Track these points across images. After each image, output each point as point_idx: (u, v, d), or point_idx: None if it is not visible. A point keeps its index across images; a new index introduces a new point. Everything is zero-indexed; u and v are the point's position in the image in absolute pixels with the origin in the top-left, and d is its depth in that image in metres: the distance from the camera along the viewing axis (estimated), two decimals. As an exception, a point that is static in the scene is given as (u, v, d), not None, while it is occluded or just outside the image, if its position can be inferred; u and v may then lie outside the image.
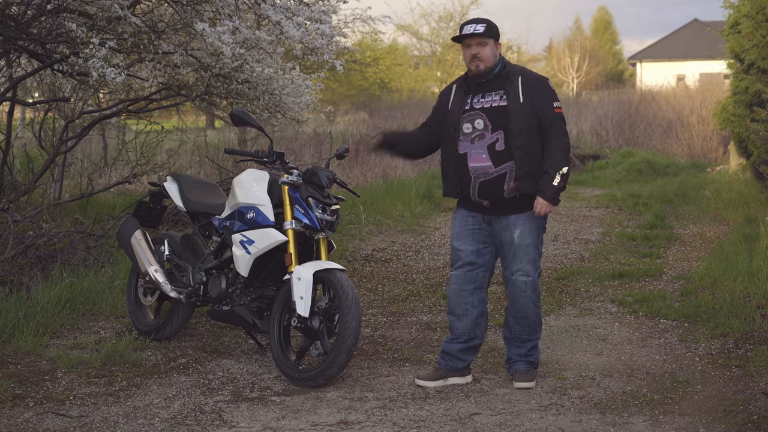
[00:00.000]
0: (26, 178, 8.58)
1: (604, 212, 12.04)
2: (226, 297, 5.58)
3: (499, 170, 4.94)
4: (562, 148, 4.96)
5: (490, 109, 4.98)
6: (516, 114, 4.91)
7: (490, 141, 4.95)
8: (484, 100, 5.01)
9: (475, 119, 4.99)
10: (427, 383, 5.10)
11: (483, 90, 5.03)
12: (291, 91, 8.68)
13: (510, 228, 5.01)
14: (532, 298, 5.06)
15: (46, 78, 9.20)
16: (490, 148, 4.95)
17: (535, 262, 5.05)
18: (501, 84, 5.01)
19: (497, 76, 5.02)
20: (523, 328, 5.12)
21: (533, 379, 5.06)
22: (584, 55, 45.26)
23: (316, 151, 15.04)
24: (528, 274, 5.03)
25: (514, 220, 5.00)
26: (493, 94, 5.00)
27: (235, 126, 6.47)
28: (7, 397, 4.85)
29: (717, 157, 18.71)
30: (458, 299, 5.13)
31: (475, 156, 4.97)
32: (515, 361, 5.14)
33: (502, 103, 4.96)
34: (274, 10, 6.51)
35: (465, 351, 5.15)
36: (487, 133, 4.96)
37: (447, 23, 39.04)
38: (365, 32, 19.28)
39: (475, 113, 5.00)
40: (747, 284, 6.87)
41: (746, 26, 11.00)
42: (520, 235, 4.99)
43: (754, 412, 4.54)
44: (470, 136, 4.99)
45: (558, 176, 4.92)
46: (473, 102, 5.03)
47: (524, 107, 4.92)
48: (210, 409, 4.74)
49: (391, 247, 9.41)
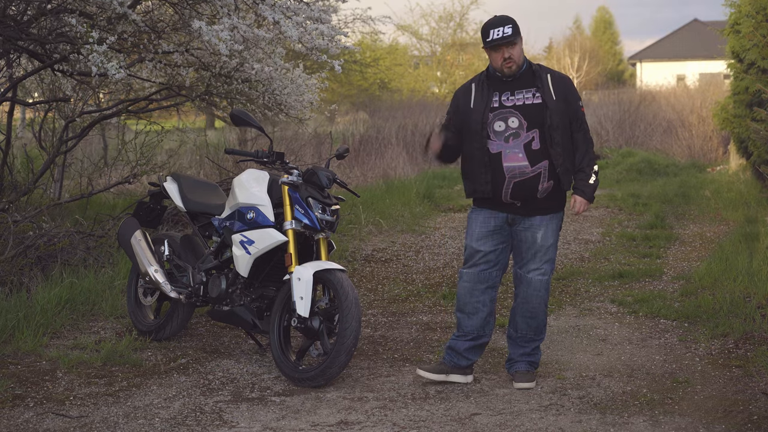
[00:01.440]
0: (26, 178, 8.59)
1: (604, 212, 12.04)
2: (226, 297, 5.58)
3: (535, 170, 4.86)
4: (591, 146, 5.00)
5: (524, 107, 4.87)
6: (553, 112, 4.86)
7: (527, 140, 4.86)
8: (515, 97, 4.90)
9: (509, 117, 4.87)
10: (428, 375, 5.10)
11: (512, 88, 4.92)
12: (292, 90, 8.68)
13: (533, 228, 4.96)
14: (544, 297, 5.06)
15: (46, 78, 9.20)
16: (527, 147, 4.85)
17: (552, 262, 5.05)
18: (531, 81, 4.92)
19: (524, 73, 4.93)
20: (530, 327, 5.10)
21: (533, 380, 5.05)
22: (584, 55, 45.23)
23: (316, 151, 15.04)
24: (545, 273, 5.02)
25: (539, 221, 4.96)
26: (524, 91, 4.90)
27: (235, 126, 6.47)
28: (7, 397, 4.85)
29: (717, 157, 18.70)
30: (470, 297, 5.07)
31: (511, 155, 4.85)
32: (516, 361, 5.13)
33: (536, 101, 4.87)
34: (271, 10, 6.50)
35: (471, 349, 5.13)
36: (523, 132, 4.86)
37: (447, 23, 39.01)
38: (365, 32, 19.31)
39: (508, 111, 4.88)
40: (747, 284, 6.87)
41: (747, 26, 10.99)
42: (543, 236, 4.97)
43: (754, 412, 4.54)
44: (504, 134, 4.87)
45: (593, 174, 4.97)
46: (503, 100, 4.91)
47: (558, 104, 4.88)
48: (210, 410, 4.74)
49: (391, 247, 9.41)
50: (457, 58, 38.06)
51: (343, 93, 30.82)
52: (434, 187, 13.12)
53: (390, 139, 17.17)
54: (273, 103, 8.72)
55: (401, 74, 33.67)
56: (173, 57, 7.47)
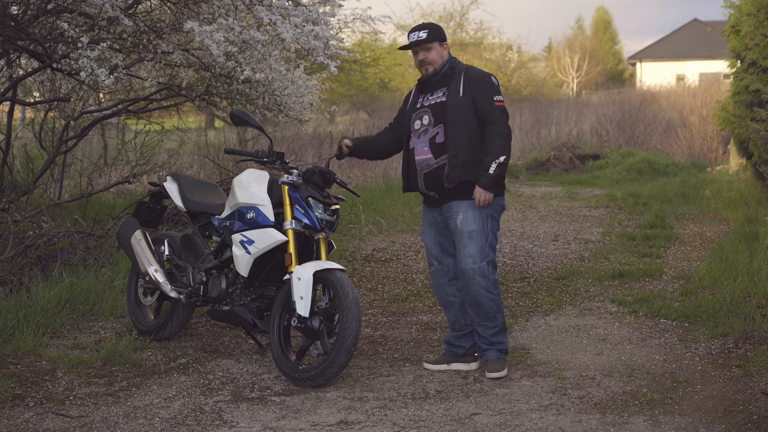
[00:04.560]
0: (26, 178, 8.58)
1: (604, 212, 12.03)
2: (226, 297, 5.58)
3: (439, 161, 5.22)
4: (499, 138, 5.17)
5: (433, 105, 5.28)
6: (453, 108, 5.19)
7: (432, 135, 5.24)
8: (431, 97, 5.32)
9: (422, 116, 5.32)
10: (431, 366, 5.38)
11: (432, 89, 5.34)
12: (292, 91, 8.68)
13: (453, 215, 5.26)
14: (483, 284, 5.18)
15: (46, 78, 9.20)
16: (431, 141, 5.24)
17: (482, 249, 5.19)
18: (445, 82, 5.30)
19: (444, 75, 5.31)
20: (479, 315, 5.28)
21: (504, 368, 5.21)
22: (584, 55, 45.24)
23: (316, 151, 15.05)
24: (475, 261, 5.17)
25: (456, 207, 5.25)
26: (438, 91, 5.30)
27: (235, 126, 6.47)
28: (7, 397, 4.85)
29: (717, 157, 18.70)
30: (440, 293, 5.45)
31: (419, 150, 5.29)
32: (485, 349, 5.30)
33: (442, 98, 5.25)
34: (268, 11, 6.50)
35: (461, 338, 5.41)
36: (430, 128, 5.26)
37: (447, 23, 39.03)
38: (365, 32, 19.26)
39: (423, 110, 5.32)
40: (747, 284, 6.87)
41: (747, 25, 10.99)
42: (463, 221, 5.21)
43: (754, 412, 4.54)
44: (419, 131, 5.31)
45: (494, 165, 5.12)
46: (423, 100, 5.36)
47: (462, 101, 5.21)
48: (210, 409, 4.74)
49: (391, 247, 9.41)
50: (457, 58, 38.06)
51: (343, 93, 30.83)
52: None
53: (390, 139, 17.13)
54: (273, 104, 8.72)
55: (401, 74, 33.67)
56: (173, 57, 7.47)
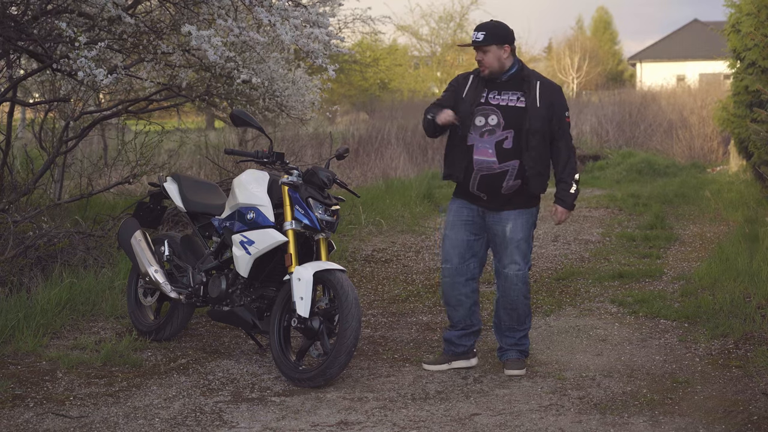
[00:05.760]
0: (26, 178, 8.57)
1: (604, 213, 12.04)
2: (226, 297, 5.58)
3: (502, 167, 5.10)
4: (573, 155, 5.22)
5: (506, 108, 5.11)
6: (533, 116, 5.08)
7: (499, 138, 5.10)
8: (500, 97, 5.14)
9: (489, 114, 5.12)
10: (432, 367, 5.35)
11: (500, 88, 5.16)
12: (293, 92, 8.68)
13: (502, 222, 5.19)
14: (523, 290, 5.25)
15: (46, 79, 9.19)
16: (498, 144, 5.09)
17: (526, 256, 5.24)
18: (519, 85, 5.16)
19: (514, 76, 5.17)
20: (512, 318, 5.31)
21: (524, 367, 5.26)
22: (584, 56, 45.23)
23: (317, 151, 15.05)
24: (520, 268, 5.21)
25: (506, 216, 5.19)
26: (510, 93, 5.14)
27: (236, 126, 6.47)
28: (7, 397, 4.85)
29: (717, 157, 18.71)
30: (452, 291, 5.32)
31: (481, 150, 5.10)
32: (506, 350, 5.34)
33: (519, 104, 5.12)
34: (267, 12, 6.49)
35: (463, 337, 5.39)
36: (498, 130, 5.10)
37: (447, 23, 39.05)
38: (365, 32, 19.26)
39: (490, 108, 5.13)
40: (747, 284, 6.87)
41: (748, 24, 10.99)
42: (512, 229, 5.18)
43: (754, 412, 4.54)
44: (480, 129, 5.12)
45: (573, 184, 5.20)
46: (489, 97, 5.15)
47: (541, 111, 5.10)
48: (210, 410, 4.74)
49: (391, 247, 9.41)
50: (457, 58, 38.07)
51: (343, 93, 30.84)
52: (434, 188, 13.10)
53: (390, 139, 17.19)
54: (274, 105, 8.72)
55: (401, 74, 33.72)
56: (173, 58, 7.46)
